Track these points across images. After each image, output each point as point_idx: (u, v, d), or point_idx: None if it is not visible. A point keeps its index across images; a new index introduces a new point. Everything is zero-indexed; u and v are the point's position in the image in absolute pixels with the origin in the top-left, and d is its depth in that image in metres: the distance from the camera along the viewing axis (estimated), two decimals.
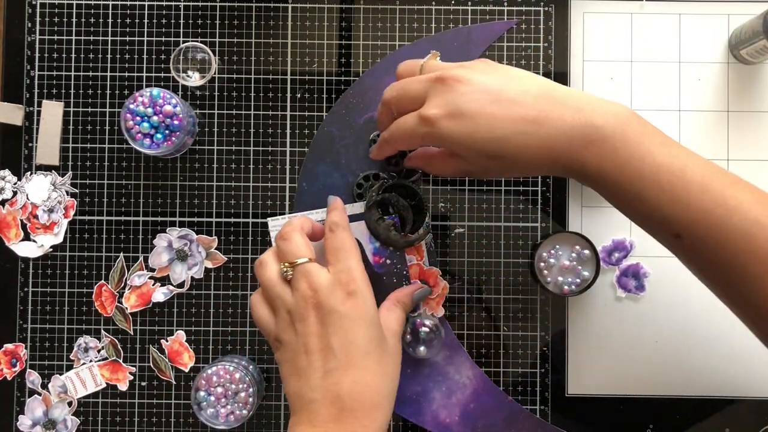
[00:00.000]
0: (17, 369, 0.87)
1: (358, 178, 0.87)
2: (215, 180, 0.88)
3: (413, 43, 0.88)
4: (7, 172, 0.87)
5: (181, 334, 0.87)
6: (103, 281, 0.87)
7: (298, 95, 0.88)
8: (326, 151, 0.88)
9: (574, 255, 0.86)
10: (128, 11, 0.88)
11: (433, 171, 0.78)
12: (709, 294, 0.88)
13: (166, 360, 0.87)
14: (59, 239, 0.87)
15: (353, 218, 0.85)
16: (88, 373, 0.87)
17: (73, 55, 0.88)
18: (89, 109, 0.88)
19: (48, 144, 0.88)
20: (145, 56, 0.88)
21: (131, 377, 0.87)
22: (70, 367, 0.87)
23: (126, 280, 0.87)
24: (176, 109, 0.82)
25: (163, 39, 0.88)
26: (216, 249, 0.87)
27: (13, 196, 0.87)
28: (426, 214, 0.86)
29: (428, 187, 0.88)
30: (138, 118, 0.81)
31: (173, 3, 0.89)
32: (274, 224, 0.86)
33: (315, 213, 0.86)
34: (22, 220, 0.87)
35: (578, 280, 0.85)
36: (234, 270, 0.88)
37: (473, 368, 0.87)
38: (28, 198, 0.87)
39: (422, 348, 0.84)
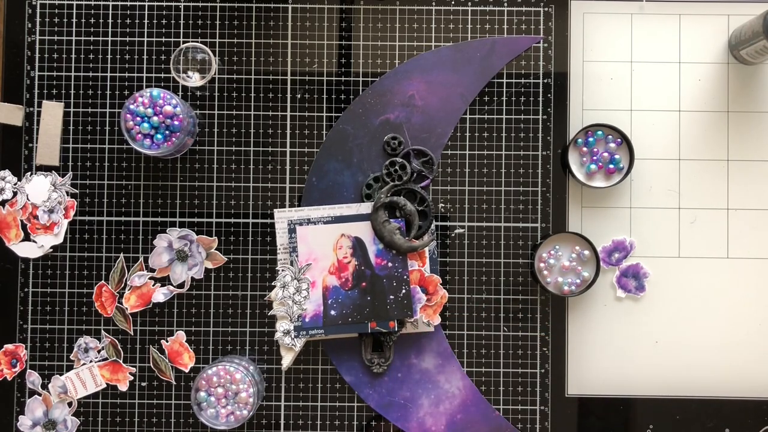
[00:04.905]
0: (17, 369, 0.87)
1: (368, 179, 0.87)
2: (215, 180, 0.88)
3: (435, 50, 0.88)
4: (7, 173, 0.87)
5: (181, 335, 0.87)
6: (103, 281, 0.87)
7: (298, 95, 0.88)
8: (339, 149, 0.88)
9: (574, 255, 0.86)
10: (128, 12, 0.88)
11: None
12: (708, 294, 0.88)
13: (167, 360, 0.87)
14: (59, 240, 0.87)
15: (359, 218, 0.85)
16: (88, 373, 0.87)
17: (73, 55, 0.88)
18: (89, 110, 0.88)
19: (48, 144, 0.88)
20: (145, 57, 0.88)
21: (131, 377, 0.87)
22: (70, 368, 0.87)
23: (126, 280, 0.87)
24: (176, 110, 0.82)
25: (163, 39, 0.88)
26: (216, 249, 0.87)
27: (13, 197, 0.87)
28: (432, 220, 0.86)
29: (429, 187, 0.88)
30: (138, 118, 0.81)
31: (173, 3, 0.89)
32: (281, 216, 0.86)
33: (321, 209, 0.86)
34: (22, 221, 0.87)
35: (578, 281, 0.85)
36: (234, 270, 0.88)
37: (464, 379, 0.87)
38: (28, 198, 0.87)
39: None
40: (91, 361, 0.87)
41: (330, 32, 0.89)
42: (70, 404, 0.87)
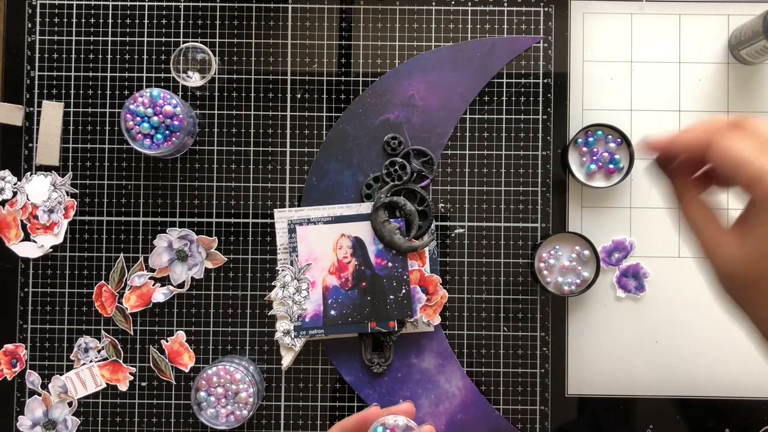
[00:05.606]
0: (17, 369, 0.87)
1: (368, 179, 0.87)
2: (215, 180, 0.88)
3: (435, 50, 0.88)
4: (7, 173, 0.87)
5: (181, 335, 0.87)
6: (103, 281, 0.87)
7: (298, 95, 0.88)
8: (339, 149, 0.88)
9: (574, 255, 0.86)
10: (128, 11, 0.88)
11: (692, 205, 0.59)
12: (709, 294, 0.88)
13: (166, 360, 0.87)
14: (59, 239, 0.87)
15: (359, 218, 0.85)
16: (89, 373, 0.87)
17: (73, 55, 0.88)
18: (89, 109, 0.88)
19: (48, 144, 0.88)
20: (145, 56, 0.88)
21: (131, 377, 0.87)
22: (70, 368, 0.87)
23: (126, 280, 0.87)
24: (176, 110, 0.82)
25: (163, 39, 0.88)
26: (216, 249, 0.87)
27: (13, 197, 0.87)
28: (432, 220, 0.86)
29: (429, 187, 0.88)
30: (138, 118, 0.81)
31: (173, 3, 0.89)
32: (281, 216, 0.86)
33: (321, 209, 0.86)
34: (22, 221, 0.87)
35: (578, 281, 0.85)
36: (234, 270, 0.88)
37: (464, 379, 0.87)
38: (28, 198, 0.87)
39: None
40: (91, 361, 0.87)
41: (330, 32, 0.89)
42: (70, 404, 0.87)
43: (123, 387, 0.87)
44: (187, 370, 0.87)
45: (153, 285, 0.87)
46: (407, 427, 0.69)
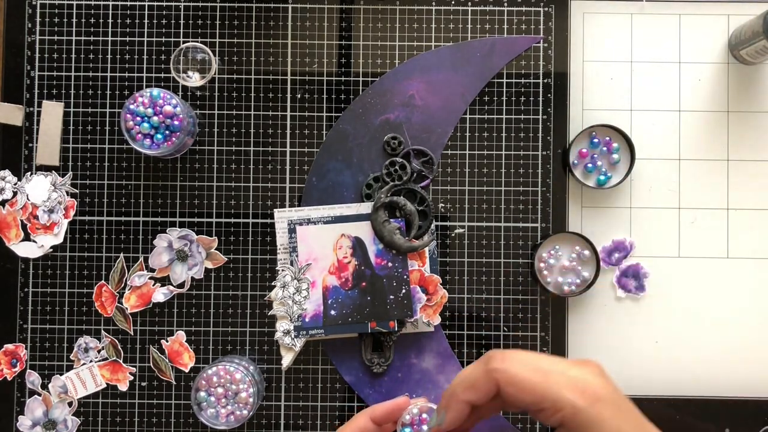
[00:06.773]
0: (17, 369, 0.87)
1: (368, 179, 0.87)
2: (215, 180, 0.88)
3: (435, 50, 0.88)
4: (7, 173, 0.87)
5: (181, 335, 0.87)
6: (103, 281, 0.87)
7: (298, 95, 0.88)
8: (339, 149, 0.88)
9: (574, 255, 0.86)
10: (128, 11, 0.88)
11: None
12: (708, 294, 0.88)
13: (166, 360, 0.87)
14: (59, 239, 0.87)
15: (359, 218, 0.85)
16: (89, 373, 0.87)
17: (73, 55, 0.88)
18: (89, 109, 0.88)
19: (48, 144, 0.88)
20: (145, 56, 0.88)
21: (131, 377, 0.87)
22: (70, 368, 0.87)
23: (126, 280, 0.87)
24: (176, 110, 0.82)
25: (163, 39, 0.88)
26: (216, 249, 0.87)
27: (13, 197, 0.87)
28: (432, 220, 0.86)
29: (429, 187, 0.88)
30: (138, 118, 0.81)
31: (173, 3, 0.89)
32: (281, 216, 0.86)
33: (321, 209, 0.86)
34: (22, 221, 0.87)
35: (578, 281, 0.85)
36: (234, 270, 0.88)
37: None
38: (28, 198, 0.87)
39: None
40: (91, 361, 0.87)
41: (330, 32, 0.89)
42: (70, 404, 0.87)
43: (123, 387, 0.87)
44: (187, 370, 0.87)
45: (153, 285, 0.87)
46: (429, 409, 0.69)
